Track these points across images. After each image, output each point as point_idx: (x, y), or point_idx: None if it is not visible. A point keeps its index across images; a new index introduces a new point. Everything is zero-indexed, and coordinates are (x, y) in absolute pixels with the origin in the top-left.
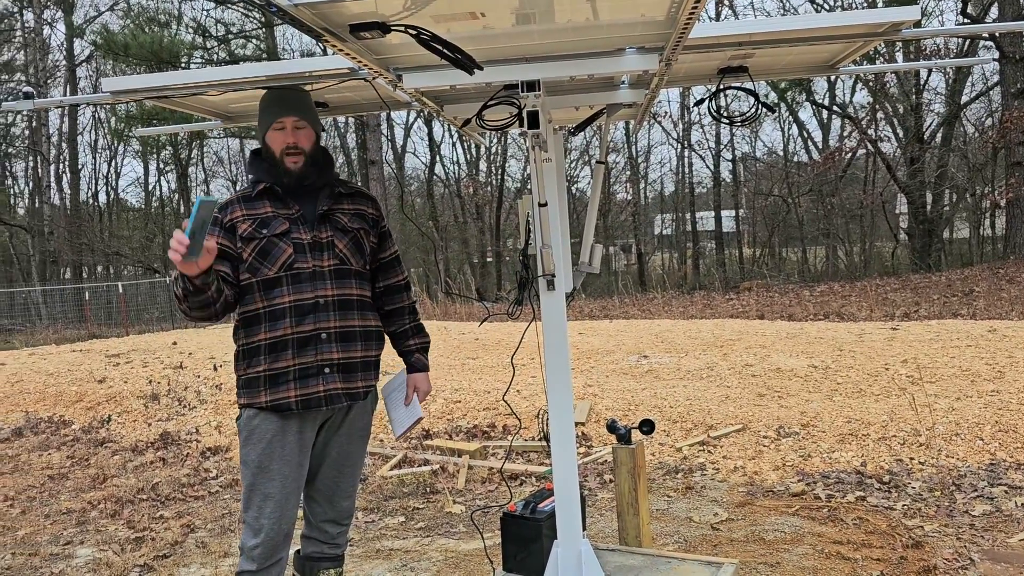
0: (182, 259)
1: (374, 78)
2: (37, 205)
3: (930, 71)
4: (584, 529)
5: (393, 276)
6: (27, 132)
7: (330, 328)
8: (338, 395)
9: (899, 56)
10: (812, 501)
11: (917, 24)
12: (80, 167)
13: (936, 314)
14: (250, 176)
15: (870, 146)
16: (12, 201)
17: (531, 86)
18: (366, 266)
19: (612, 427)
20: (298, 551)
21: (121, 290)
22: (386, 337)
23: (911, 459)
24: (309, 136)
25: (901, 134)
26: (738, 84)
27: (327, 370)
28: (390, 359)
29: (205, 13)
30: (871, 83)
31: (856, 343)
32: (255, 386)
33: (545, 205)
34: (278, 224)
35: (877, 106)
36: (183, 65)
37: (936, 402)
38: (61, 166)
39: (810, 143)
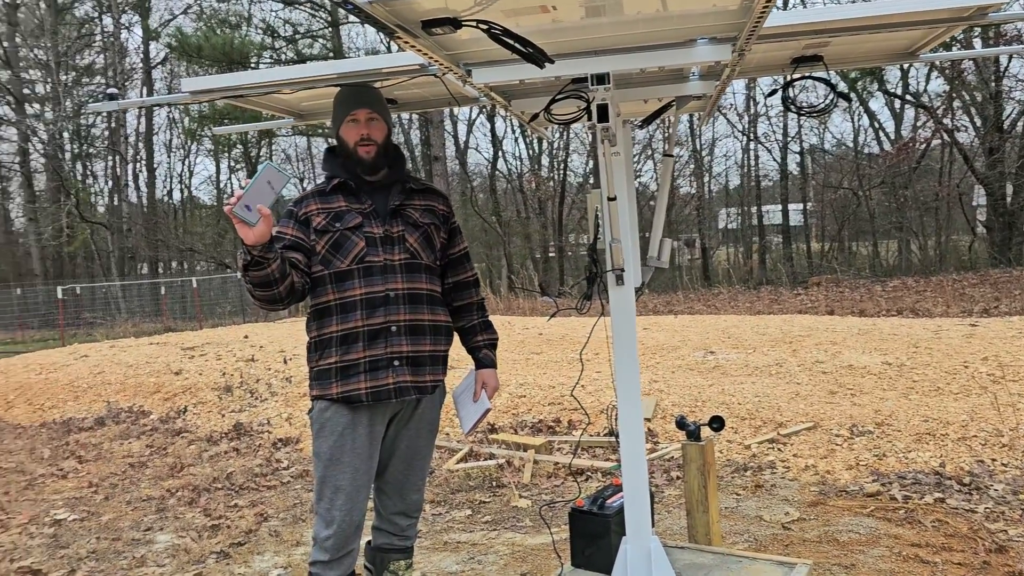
0: (235, 215)
1: (444, 74)
2: (116, 203)
3: (1011, 57)
4: (652, 526)
5: (462, 272)
6: (107, 133)
7: (400, 321)
8: (407, 388)
9: (977, 43)
10: (888, 502)
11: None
12: (156, 166)
13: (1018, 310)
14: (325, 172)
15: (946, 136)
16: (93, 199)
17: (601, 79)
18: (436, 261)
19: (681, 423)
20: (369, 542)
21: (195, 285)
22: (454, 333)
23: (993, 460)
24: (381, 129)
25: (979, 123)
26: (813, 73)
27: (396, 362)
28: (456, 354)
29: (273, 14)
30: (947, 71)
31: (932, 340)
32: (326, 378)
33: (614, 199)
34: (351, 218)
35: (954, 94)
36: (252, 65)
37: (1020, 401)
38: (138, 165)
39: (882, 134)
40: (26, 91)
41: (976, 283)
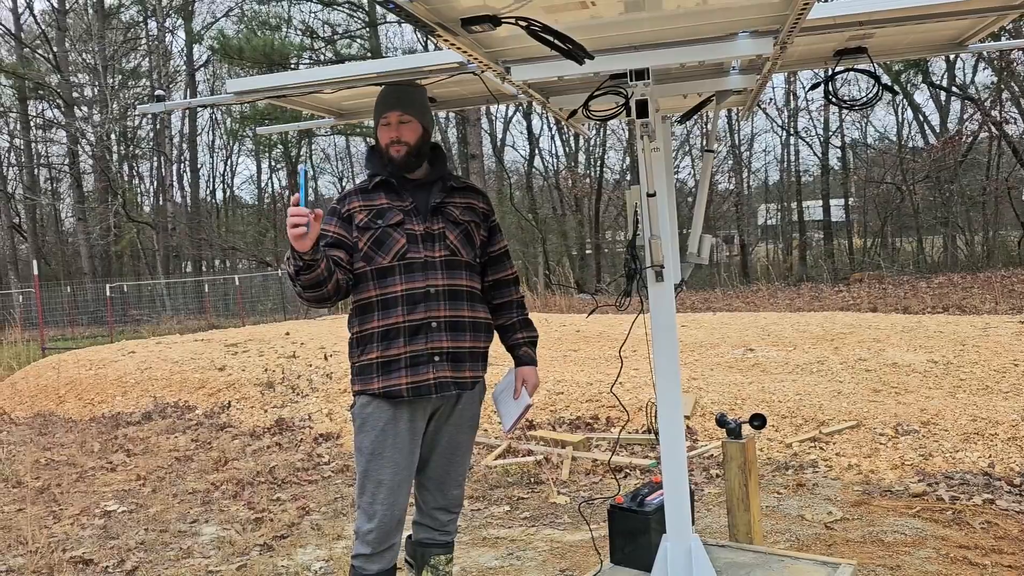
0: (298, 228)
1: (483, 71)
2: (161, 203)
3: None
4: (692, 524)
5: (502, 270)
6: (152, 134)
7: (440, 317)
8: (447, 383)
9: None
10: (934, 503)
11: None
12: (199, 166)
13: None
14: (367, 169)
15: (994, 129)
16: (139, 199)
17: (640, 75)
18: (476, 258)
19: (722, 421)
20: (410, 536)
21: (237, 283)
22: (494, 330)
23: None
24: (415, 130)
25: None
26: (856, 66)
27: (436, 358)
28: (496, 351)
29: (313, 15)
30: (996, 61)
31: (980, 337)
32: (368, 373)
33: (654, 195)
34: (393, 215)
35: (1002, 86)
36: (292, 66)
37: None
38: (182, 166)
39: (926, 127)
40: (75, 94)
41: None
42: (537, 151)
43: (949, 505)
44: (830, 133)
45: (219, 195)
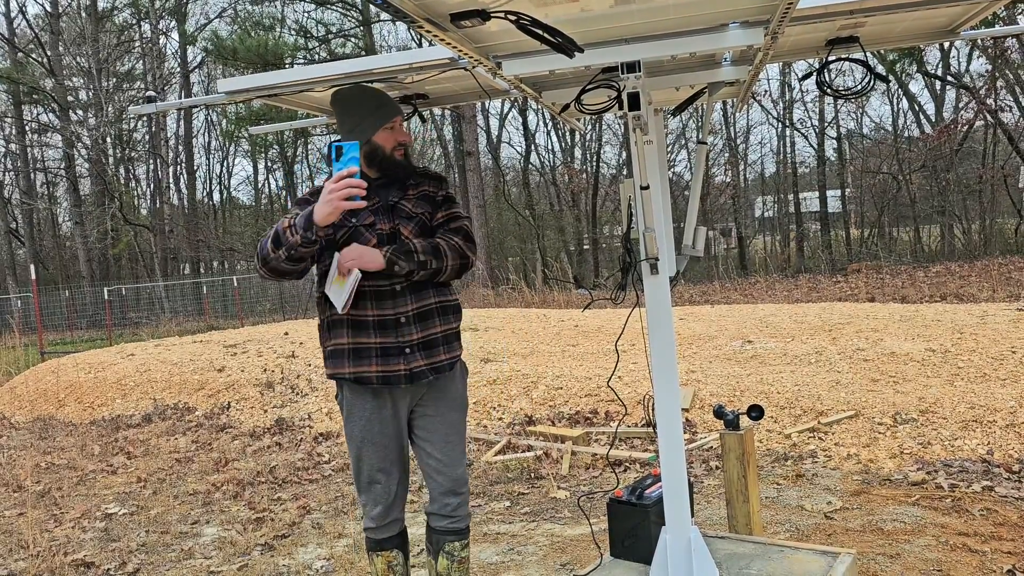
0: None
1: (474, 66)
2: (158, 205)
3: None
4: (692, 516)
5: (445, 227)
6: (147, 136)
7: (408, 311)
8: (422, 372)
9: (1021, 19)
10: (934, 491)
11: None
12: (196, 168)
13: None
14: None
15: (989, 117)
16: (136, 202)
17: (631, 67)
18: None
19: (719, 413)
20: (428, 525)
21: (236, 284)
22: (507, 310)
23: None
24: (407, 132)
25: None
26: (848, 55)
27: (407, 350)
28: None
29: (306, 15)
30: (990, 49)
31: (978, 325)
32: (339, 357)
33: (647, 188)
34: (365, 215)
35: (997, 74)
36: (287, 66)
37: None
38: (178, 168)
39: (922, 116)
40: (69, 98)
41: (1023, 267)
42: (533, 147)
43: (948, 493)
44: (826, 124)
45: (216, 196)
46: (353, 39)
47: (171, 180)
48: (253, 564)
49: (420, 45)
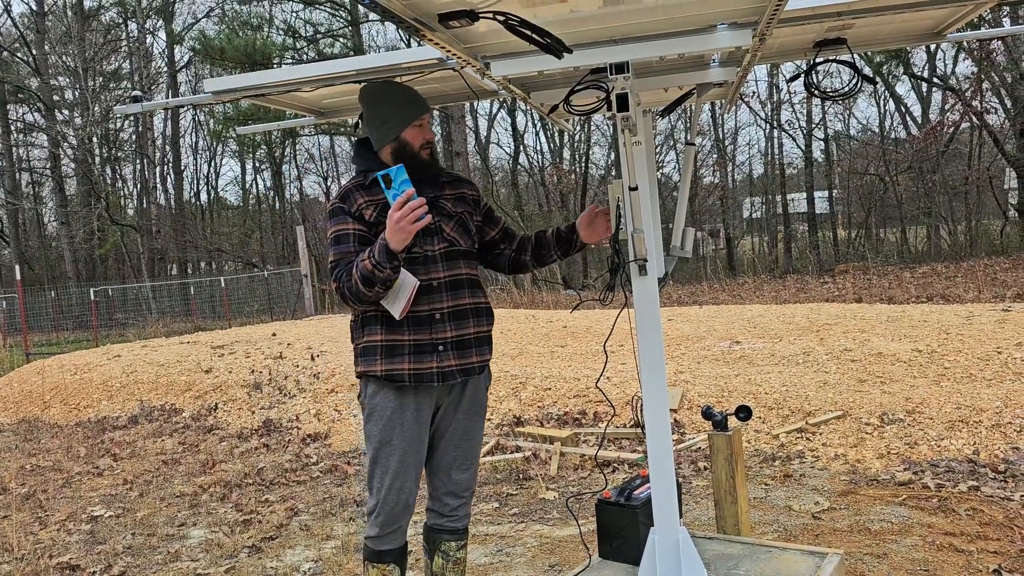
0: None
1: (463, 67)
2: (145, 205)
3: None
4: (680, 516)
5: (505, 231)
6: (134, 137)
7: (443, 308)
8: (452, 372)
9: (1006, 21)
10: (920, 491)
11: None
12: (183, 168)
13: None
14: (357, 166)
15: (975, 119)
16: (122, 202)
17: (620, 68)
18: (474, 246)
19: (708, 413)
20: (426, 522)
21: (223, 284)
22: (495, 313)
23: None
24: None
25: (1009, 105)
26: (836, 57)
27: (441, 348)
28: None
29: (294, 15)
30: (975, 51)
31: (964, 326)
32: (372, 354)
33: (636, 189)
34: None
35: (982, 76)
36: (275, 66)
37: None
38: (166, 168)
39: (908, 118)
40: (55, 97)
41: (1008, 267)
42: (522, 148)
43: (935, 493)
44: (813, 125)
45: (203, 197)
46: (341, 39)
47: (158, 180)
48: (240, 566)
49: (409, 45)
